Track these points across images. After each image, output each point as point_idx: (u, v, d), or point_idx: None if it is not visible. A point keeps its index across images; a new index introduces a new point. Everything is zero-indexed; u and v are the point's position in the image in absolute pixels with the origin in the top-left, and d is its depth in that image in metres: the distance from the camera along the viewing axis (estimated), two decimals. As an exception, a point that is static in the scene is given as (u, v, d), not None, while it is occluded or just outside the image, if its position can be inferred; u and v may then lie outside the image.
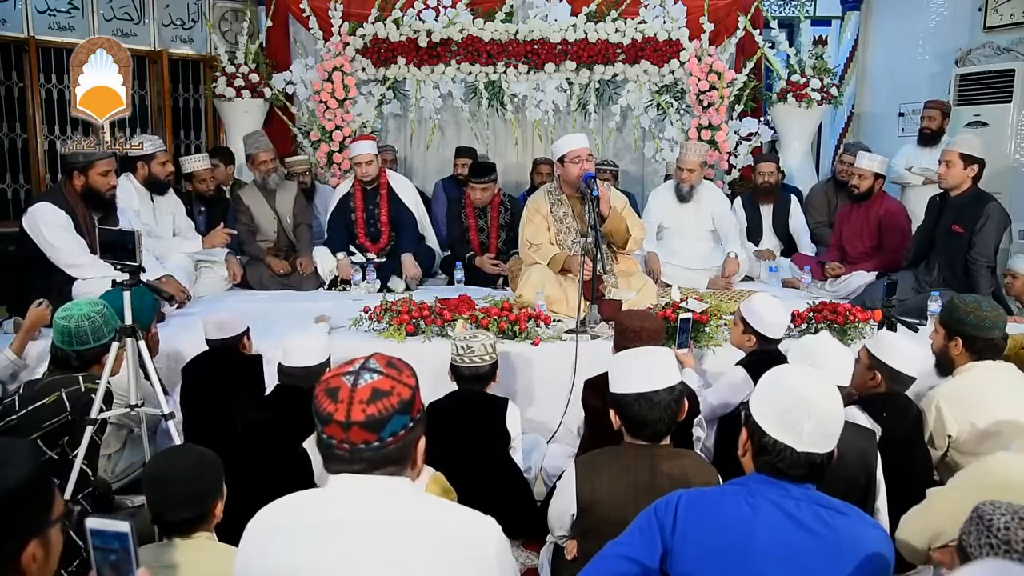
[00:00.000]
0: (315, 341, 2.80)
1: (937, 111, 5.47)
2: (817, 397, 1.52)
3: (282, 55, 6.30)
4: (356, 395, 1.27)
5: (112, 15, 5.60)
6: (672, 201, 5.05)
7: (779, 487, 1.52)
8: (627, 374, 2.06)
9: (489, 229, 5.16)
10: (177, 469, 1.79)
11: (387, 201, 5.00)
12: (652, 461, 1.97)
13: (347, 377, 1.30)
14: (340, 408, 1.27)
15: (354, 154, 4.94)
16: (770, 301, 3.09)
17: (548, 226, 4.05)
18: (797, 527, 1.48)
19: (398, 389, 1.30)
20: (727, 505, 1.53)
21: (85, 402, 2.40)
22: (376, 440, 1.28)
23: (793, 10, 6.86)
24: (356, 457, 1.29)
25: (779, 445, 1.50)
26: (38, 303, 3.23)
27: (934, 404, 2.67)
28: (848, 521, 1.50)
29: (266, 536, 1.32)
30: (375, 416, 1.27)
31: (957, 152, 4.01)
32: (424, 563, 1.26)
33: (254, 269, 4.79)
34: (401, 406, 1.29)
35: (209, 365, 3.07)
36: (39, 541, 1.15)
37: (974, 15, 5.94)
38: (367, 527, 1.27)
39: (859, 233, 4.91)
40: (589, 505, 1.99)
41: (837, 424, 1.53)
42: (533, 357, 3.49)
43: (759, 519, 1.49)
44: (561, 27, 5.81)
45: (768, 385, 1.59)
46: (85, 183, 3.71)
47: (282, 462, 2.46)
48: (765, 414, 1.54)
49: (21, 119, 5.25)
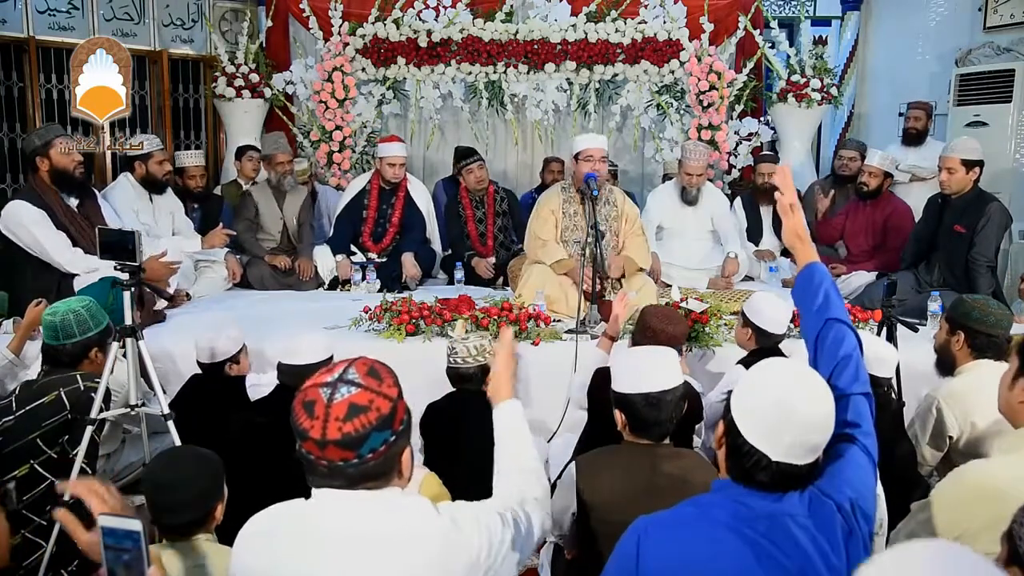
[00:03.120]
0: (314, 341, 2.79)
1: (923, 111, 5.59)
2: (803, 405, 1.35)
3: (282, 55, 6.29)
4: (332, 411, 1.23)
5: (112, 15, 5.60)
6: (673, 202, 5.05)
7: (740, 504, 1.38)
8: (633, 373, 2.03)
9: (487, 219, 5.17)
10: (178, 471, 1.78)
11: (403, 203, 5.04)
12: (653, 461, 1.96)
13: (324, 390, 1.25)
14: (316, 425, 1.23)
15: (386, 155, 4.97)
16: (772, 298, 3.10)
17: (556, 222, 4.05)
18: (760, 559, 1.33)
19: (377, 403, 1.25)
20: (688, 540, 1.40)
21: (85, 400, 2.40)
22: (355, 457, 1.24)
23: (793, 10, 6.87)
24: (335, 473, 1.26)
25: (753, 451, 1.36)
26: (36, 302, 3.22)
27: (934, 405, 2.65)
28: (818, 534, 1.37)
29: (257, 544, 1.32)
30: (351, 435, 1.22)
31: (958, 158, 4.00)
32: (411, 571, 1.25)
33: (254, 269, 4.78)
34: (380, 422, 1.24)
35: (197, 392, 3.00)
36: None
37: (974, 15, 5.94)
38: (353, 537, 1.26)
39: (864, 230, 4.91)
40: (589, 505, 1.96)
41: (824, 435, 1.38)
42: (533, 357, 3.48)
43: (722, 557, 1.36)
44: (561, 27, 5.81)
45: (753, 381, 1.43)
46: (50, 166, 3.67)
47: (281, 464, 2.44)
48: (743, 414, 1.39)
49: (21, 119, 5.25)
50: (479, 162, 5.13)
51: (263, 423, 2.62)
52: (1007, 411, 1.92)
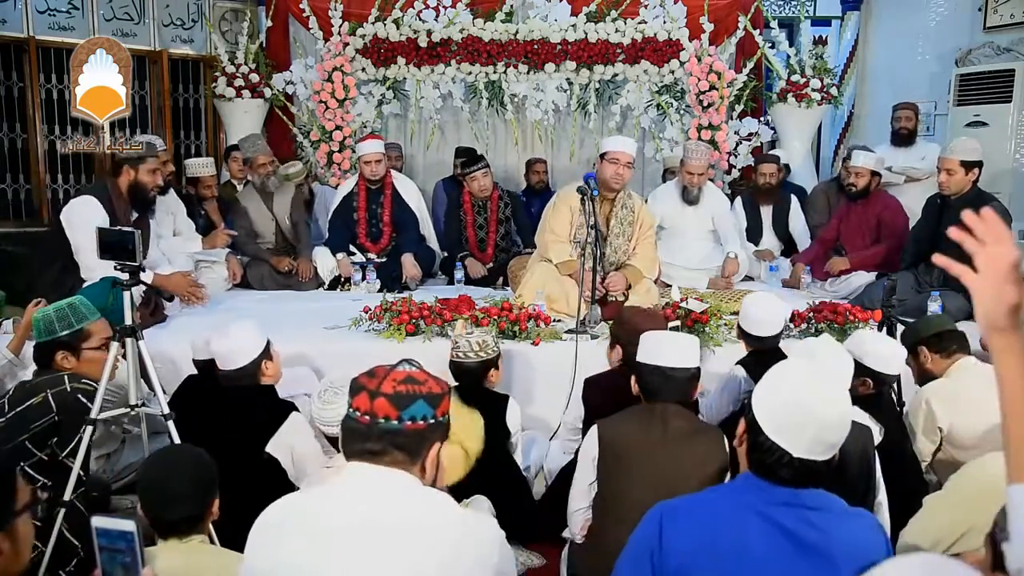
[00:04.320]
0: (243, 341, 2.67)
1: (912, 112, 5.62)
2: (822, 405, 1.44)
3: (282, 55, 6.30)
4: (392, 374, 1.35)
5: (112, 15, 5.60)
6: (674, 202, 5.04)
7: (766, 492, 1.46)
8: (654, 348, 2.29)
9: (488, 225, 5.15)
10: (171, 469, 1.78)
11: (391, 201, 5.00)
12: (664, 416, 2.21)
13: (387, 365, 1.38)
14: (373, 381, 1.34)
15: (362, 153, 4.93)
16: (761, 299, 3.04)
17: (571, 219, 4.04)
18: (787, 538, 1.42)
19: (431, 384, 1.37)
20: (715, 522, 1.46)
21: (72, 402, 2.38)
22: (396, 419, 1.31)
23: (793, 10, 6.87)
24: (371, 432, 1.32)
25: (775, 447, 1.44)
26: (36, 302, 3.22)
27: (923, 399, 2.75)
28: (839, 522, 1.45)
29: (272, 534, 1.33)
30: (402, 393, 1.32)
31: (957, 160, 3.99)
32: (425, 560, 1.26)
33: (254, 269, 4.78)
34: (428, 396, 1.35)
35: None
36: (4, 533, 1.14)
37: (974, 15, 5.94)
38: (370, 525, 1.27)
39: (859, 231, 4.91)
40: (610, 445, 2.21)
41: (840, 434, 1.46)
42: (533, 357, 3.48)
43: (749, 537, 1.43)
44: (561, 27, 5.81)
45: (773, 382, 1.51)
46: (134, 178, 3.69)
47: (248, 469, 2.41)
48: (765, 412, 1.47)
49: (21, 119, 5.25)
50: (483, 169, 5.03)
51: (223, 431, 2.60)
52: None
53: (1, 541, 1.14)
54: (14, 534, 1.17)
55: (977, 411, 2.57)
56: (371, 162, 4.87)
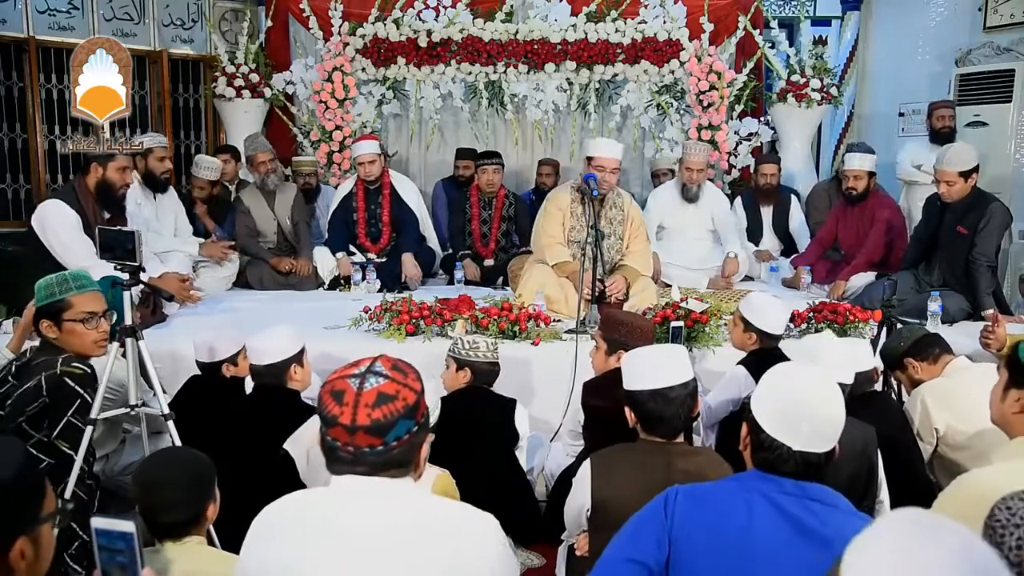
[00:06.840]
0: (278, 340, 2.73)
1: (951, 109, 5.42)
2: (817, 399, 1.54)
3: (282, 55, 6.29)
4: (362, 399, 1.27)
5: (112, 15, 5.59)
6: (674, 201, 5.05)
7: (773, 482, 1.54)
8: (641, 370, 2.05)
9: (492, 221, 5.16)
10: (167, 470, 1.77)
11: (389, 201, 5.00)
12: (667, 459, 1.97)
13: (353, 380, 1.30)
14: (345, 411, 1.27)
15: (356, 154, 4.94)
16: (769, 298, 3.09)
17: (563, 220, 4.05)
18: (789, 523, 1.49)
19: (403, 393, 1.30)
20: (724, 503, 1.55)
21: (59, 385, 2.34)
22: (380, 444, 1.28)
23: (793, 10, 6.86)
24: (360, 460, 1.29)
25: (776, 443, 1.53)
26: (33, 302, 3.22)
27: (919, 399, 2.76)
28: (840, 515, 1.50)
29: (269, 535, 1.32)
30: (380, 421, 1.27)
31: (955, 171, 3.95)
32: (424, 563, 1.26)
33: (254, 269, 4.78)
34: (406, 411, 1.29)
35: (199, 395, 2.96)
36: (28, 538, 1.14)
37: (974, 15, 5.94)
38: (369, 527, 1.27)
39: (855, 232, 4.91)
40: (603, 502, 1.98)
41: (836, 426, 1.55)
42: (533, 357, 3.48)
43: (755, 518, 1.50)
44: (561, 27, 5.81)
45: (769, 383, 1.60)
46: (102, 176, 3.69)
47: (264, 465, 2.42)
48: (764, 412, 1.56)
49: (21, 119, 5.25)
50: (496, 166, 5.13)
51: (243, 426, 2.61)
52: (1000, 422, 1.93)
53: (24, 545, 1.13)
54: (38, 540, 1.16)
55: (971, 411, 2.56)
56: (365, 163, 4.88)
